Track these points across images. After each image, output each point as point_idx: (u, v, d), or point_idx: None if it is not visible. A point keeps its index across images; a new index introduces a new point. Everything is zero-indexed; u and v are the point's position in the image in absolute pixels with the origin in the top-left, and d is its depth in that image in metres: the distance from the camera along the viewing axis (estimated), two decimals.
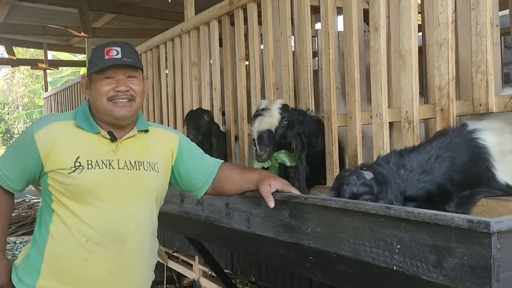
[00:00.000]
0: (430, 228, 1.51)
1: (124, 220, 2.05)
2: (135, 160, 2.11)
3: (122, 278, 2.07)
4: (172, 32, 4.61)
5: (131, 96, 2.07)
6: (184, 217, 3.25)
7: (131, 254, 2.07)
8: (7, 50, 11.70)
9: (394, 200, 1.98)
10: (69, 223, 2.00)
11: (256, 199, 2.40)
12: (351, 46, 2.60)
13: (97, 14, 9.14)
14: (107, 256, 2.02)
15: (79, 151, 2.02)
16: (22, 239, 11.04)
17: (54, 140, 2.02)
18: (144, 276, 2.18)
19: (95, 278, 2.01)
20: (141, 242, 2.12)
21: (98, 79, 2.05)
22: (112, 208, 2.03)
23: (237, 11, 3.56)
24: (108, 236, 2.01)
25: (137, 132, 2.16)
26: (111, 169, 2.04)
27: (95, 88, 2.07)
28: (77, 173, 1.99)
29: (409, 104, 2.28)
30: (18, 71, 32.14)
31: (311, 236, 2.05)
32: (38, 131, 2.03)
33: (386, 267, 1.70)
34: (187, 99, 4.40)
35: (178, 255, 6.95)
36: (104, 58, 2.03)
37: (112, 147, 2.08)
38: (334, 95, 2.75)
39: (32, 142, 2.02)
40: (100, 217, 2.01)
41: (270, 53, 3.27)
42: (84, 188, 1.99)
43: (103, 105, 2.05)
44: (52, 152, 2.01)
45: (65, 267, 2.00)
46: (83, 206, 2.00)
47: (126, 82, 2.06)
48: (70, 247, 2.00)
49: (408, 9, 2.26)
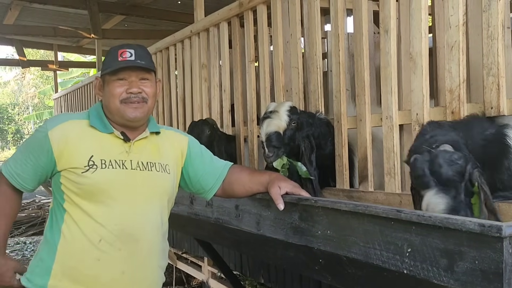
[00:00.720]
0: (441, 232, 1.50)
1: (137, 220, 2.06)
2: (147, 161, 2.12)
3: (134, 279, 2.07)
4: (182, 34, 4.62)
5: (143, 98, 2.08)
6: (193, 219, 3.25)
7: (143, 255, 2.08)
8: (17, 51, 11.79)
9: (474, 169, 1.72)
10: (81, 222, 2.00)
11: (265, 201, 2.40)
12: (361, 48, 2.60)
13: (107, 15, 9.19)
14: (120, 256, 2.02)
15: (92, 150, 2.03)
16: (32, 239, 11.09)
17: (67, 139, 2.02)
18: (155, 277, 2.18)
19: (108, 278, 2.02)
20: (152, 243, 2.12)
21: (111, 80, 2.06)
22: (125, 208, 2.04)
23: (247, 12, 3.56)
24: (120, 236, 2.01)
25: (149, 134, 2.17)
26: (124, 169, 2.06)
27: (108, 89, 2.08)
28: (91, 173, 1.99)
29: (420, 106, 2.27)
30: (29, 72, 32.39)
31: (321, 238, 2.05)
32: (52, 128, 2.04)
33: (396, 271, 1.69)
34: (196, 101, 4.41)
35: (187, 256, 6.96)
36: (118, 59, 2.04)
37: (125, 148, 2.09)
38: (344, 97, 2.74)
39: (46, 140, 2.02)
40: (113, 217, 2.01)
41: (280, 55, 3.26)
42: (97, 188, 2.00)
43: (115, 106, 2.06)
44: (66, 151, 2.01)
45: (78, 267, 2.00)
46: (96, 206, 2.01)
47: (138, 84, 2.07)
48: (82, 247, 2.00)
49: (418, 11, 2.25)
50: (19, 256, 9.59)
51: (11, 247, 10.33)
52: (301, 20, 3.17)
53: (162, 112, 5.24)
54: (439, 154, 1.72)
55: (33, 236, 11.19)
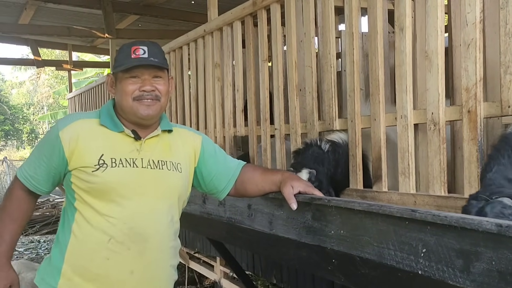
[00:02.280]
0: (457, 232, 1.48)
1: (146, 219, 2.04)
2: (158, 160, 2.11)
3: (144, 278, 2.06)
4: (195, 33, 4.62)
5: (156, 96, 2.06)
6: (206, 218, 3.25)
7: (153, 254, 2.07)
8: (32, 51, 11.89)
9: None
10: (91, 221, 2.00)
11: (278, 201, 2.39)
12: (376, 47, 2.57)
13: (121, 15, 9.23)
14: (129, 256, 2.01)
15: (103, 149, 2.02)
16: (46, 237, 11.18)
17: (78, 138, 2.02)
18: (166, 276, 2.17)
19: (117, 277, 2.01)
20: (163, 242, 2.11)
21: (124, 78, 2.05)
22: (135, 207, 2.03)
23: (260, 11, 3.55)
24: (130, 235, 2.00)
25: (161, 132, 2.16)
26: (135, 167, 2.04)
27: (120, 87, 2.07)
28: (101, 171, 1.98)
29: (435, 105, 2.24)
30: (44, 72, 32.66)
31: (334, 238, 2.03)
32: (63, 129, 2.04)
33: (411, 271, 1.67)
34: (209, 100, 4.40)
35: (199, 256, 6.96)
36: (131, 57, 2.03)
37: (135, 146, 2.08)
38: (358, 96, 2.72)
39: (57, 140, 2.02)
40: (123, 216, 2.00)
41: (294, 54, 3.25)
42: (107, 186, 1.99)
43: (128, 104, 2.05)
44: (76, 150, 2.01)
45: (87, 266, 2.00)
46: (106, 205, 2.00)
47: (151, 82, 2.06)
48: (92, 246, 2.00)
49: (434, 8, 2.22)
50: (33, 255, 9.67)
51: (25, 245, 10.42)
52: (315, 19, 3.15)
53: (175, 111, 5.24)
54: (492, 204, 1.66)
55: (47, 235, 11.28)
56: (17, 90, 40.73)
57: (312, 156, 2.78)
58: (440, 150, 2.23)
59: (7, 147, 34.15)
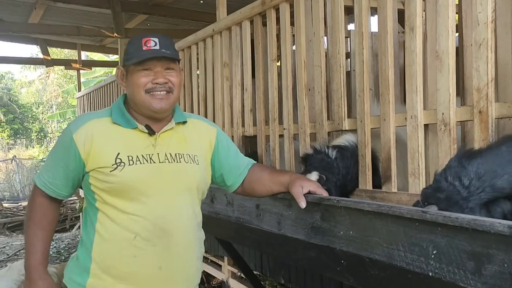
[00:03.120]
0: (469, 233, 1.46)
1: (169, 214, 2.03)
2: (176, 153, 2.09)
3: (173, 272, 2.06)
4: (204, 33, 4.62)
5: (169, 88, 2.05)
6: (214, 218, 3.24)
7: (179, 248, 2.06)
8: (42, 50, 11.93)
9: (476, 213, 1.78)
10: (115, 220, 1.99)
11: (287, 201, 2.38)
12: (386, 47, 2.55)
13: (130, 15, 9.24)
14: (156, 252, 2.00)
15: (118, 148, 2.00)
16: (54, 236, 11.19)
17: (92, 139, 2.00)
18: (194, 268, 2.17)
19: (146, 274, 2.00)
20: (187, 235, 2.09)
21: (136, 70, 2.02)
22: (156, 202, 2.01)
23: (269, 11, 3.54)
24: (154, 231, 1.99)
25: (175, 125, 2.15)
26: (152, 163, 2.02)
27: (132, 79, 2.04)
28: (119, 171, 1.97)
29: (446, 106, 2.23)
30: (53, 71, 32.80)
31: (343, 239, 2.02)
32: (76, 131, 2.01)
33: (421, 273, 1.66)
34: (218, 100, 4.40)
35: (207, 256, 6.97)
36: (142, 49, 2.00)
37: (150, 141, 2.06)
38: (367, 96, 2.70)
39: (72, 144, 2.00)
40: (145, 212, 1.99)
41: (303, 54, 3.23)
42: (127, 185, 1.97)
43: (140, 97, 2.03)
44: (92, 151, 1.99)
45: (115, 266, 1.99)
46: (128, 203, 1.98)
47: (164, 74, 2.03)
48: (118, 245, 1.99)
49: (446, 8, 2.21)
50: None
51: None
52: (324, 19, 3.14)
53: (183, 111, 5.23)
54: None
55: (56, 234, 11.30)
56: (27, 89, 40.94)
57: (320, 164, 2.77)
58: (451, 151, 2.21)
59: (16, 145, 34.32)
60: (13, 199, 17.12)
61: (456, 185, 1.82)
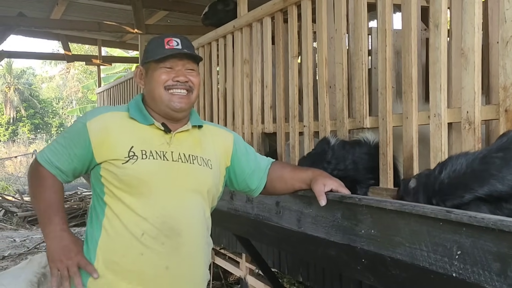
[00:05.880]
0: (495, 234, 1.43)
1: (179, 213, 2.01)
2: (189, 154, 2.08)
3: (180, 274, 2.03)
4: (224, 29, 4.61)
5: (189, 87, 2.05)
6: (233, 214, 3.24)
7: (188, 249, 2.03)
8: (63, 46, 12.05)
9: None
10: (123, 216, 1.97)
11: (307, 199, 2.36)
12: (409, 44, 2.52)
13: (150, 11, 9.28)
14: (164, 251, 1.98)
15: (133, 141, 2.00)
16: (73, 230, 11.30)
17: (107, 130, 1.99)
18: (201, 273, 2.14)
19: (152, 273, 1.98)
20: (197, 237, 2.08)
21: (157, 67, 2.03)
22: (166, 200, 2.00)
23: (291, 8, 3.52)
24: (163, 230, 1.97)
25: (191, 127, 2.14)
26: (165, 160, 2.02)
27: (152, 76, 2.05)
28: (131, 163, 1.96)
29: (471, 104, 2.19)
30: (73, 66, 33.13)
31: (365, 238, 2.00)
32: (91, 119, 2.02)
33: (444, 274, 1.64)
34: (237, 96, 4.39)
35: (225, 252, 6.97)
36: (164, 47, 2.01)
37: (165, 139, 2.06)
38: (390, 94, 2.67)
39: (84, 130, 1.99)
40: (155, 210, 1.97)
41: (324, 51, 3.21)
42: (138, 179, 1.96)
43: (160, 93, 2.03)
44: (105, 142, 1.98)
45: (120, 262, 1.97)
46: (137, 198, 1.97)
47: (185, 73, 2.04)
48: (124, 242, 1.96)
49: (472, 5, 2.17)
50: None
51: None
52: (346, 16, 3.11)
53: (203, 108, 5.25)
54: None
55: (75, 228, 11.41)
56: (47, 84, 41.43)
57: (317, 151, 2.75)
58: (475, 150, 2.17)
59: (37, 140, 34.75)
60: None
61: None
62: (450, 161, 1.93)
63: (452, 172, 1.87)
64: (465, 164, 1.86)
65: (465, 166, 1.85)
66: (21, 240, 11.04)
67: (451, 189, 1.85)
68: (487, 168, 1.78)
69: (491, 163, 1.79)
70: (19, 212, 12.92)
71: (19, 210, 13.04)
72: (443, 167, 1.93)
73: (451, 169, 1.89)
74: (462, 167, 1.86)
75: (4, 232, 11.96)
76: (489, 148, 1.89)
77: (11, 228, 12.31)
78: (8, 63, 35.36)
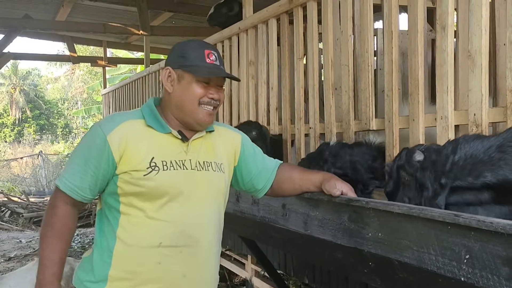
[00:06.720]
0: (504, 238, 1.42)
1: (196, 221, 2.01)
2: (204, 161, 2.08)
3: (196, 281, 2.03)
4: (230, 31, 4.61)
5: (217, 104, 2.07)
6: (239, 216, 3.23)
7: (203, 256, 2.04)
8: (68, 47, 12.06)
9: (432, 191, 1.94)
10: (140, 226, 1.95)
11: (314, 201, 2.36)
12: (416, 46, 2.51)
13: (155, 12, 9.29)
14: (181, 259, 1.98)
15: (152, 152, 1.97)
16: (79, 231, 11.34)
17: (127, 141, 1.95)
18: (214, 279, 2.16)
19: (169, 282, 1.97)
20: (212, 244, 2.09)
21: (196, 80, 2.02)
22: (185, 209, 1.99)
23: (297, 9, 3.52)
24: (181, 238, 1.97)
25: (205, 133, 2.15)
26: (185, 169, 2.01)
27: (188, 88, 2.02)
28: (153, 175, 1.93)
29: (478, 106, 2.18)
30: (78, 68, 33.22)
31: (372, 241, 1.99)
32: (111, 132, 1.94)
33: (452, 278, 1.62)
34: (243, 98, 4.39)
35: (230, 254, 6.97)
36: (206, 61, 2.01)
37: (183, 147, 2.05)
38: (396, 96, 2.66)
39: (105, 145, 1.93)
40: (173, 219, 1.97)
41: (330, 52, 3.20)
42: (160, 190, 1.94)
43: (192, 107, 2.03)
44: (126, 153, 1.94)
45: (138, 272, 1.95)
46: (157, 208, 1.95)
47: (218, 90, 2.06)
48: (142, 251, 1.94)
49: (479, 7, 2.16)
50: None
51: None
52: (352, 17, 3.10)
53: None
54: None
55: (80, 229, 11.44)
56: (52, 85, 41.55)
57: (317, 151, 2.77)
58: None
59: (42, 141, 34.84)
60: (39, 193, 17.36)
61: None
62: (464, 142, 1.92)
63: (469, 156, 1.87)
64: (482, 150, 1.85)
65: (482, 153, 1.85)
66: (27, 241, 11.07)
67: (465, 172, 1.86)
68: (503, 158, 1.78)
69: (508, 153, 1.78)
70: (25, 213, 12.96)
71: (25, 211, 13.07)
72: (457, 148, 1.91)
73: (467, 152, 1.88)
74: (479, 153, 1.85)
75: (10, 233, 12.00)
76: (505, 136, 1.86)
77: (17, 229, 12.35)
78: (14, 64, 35.48)
